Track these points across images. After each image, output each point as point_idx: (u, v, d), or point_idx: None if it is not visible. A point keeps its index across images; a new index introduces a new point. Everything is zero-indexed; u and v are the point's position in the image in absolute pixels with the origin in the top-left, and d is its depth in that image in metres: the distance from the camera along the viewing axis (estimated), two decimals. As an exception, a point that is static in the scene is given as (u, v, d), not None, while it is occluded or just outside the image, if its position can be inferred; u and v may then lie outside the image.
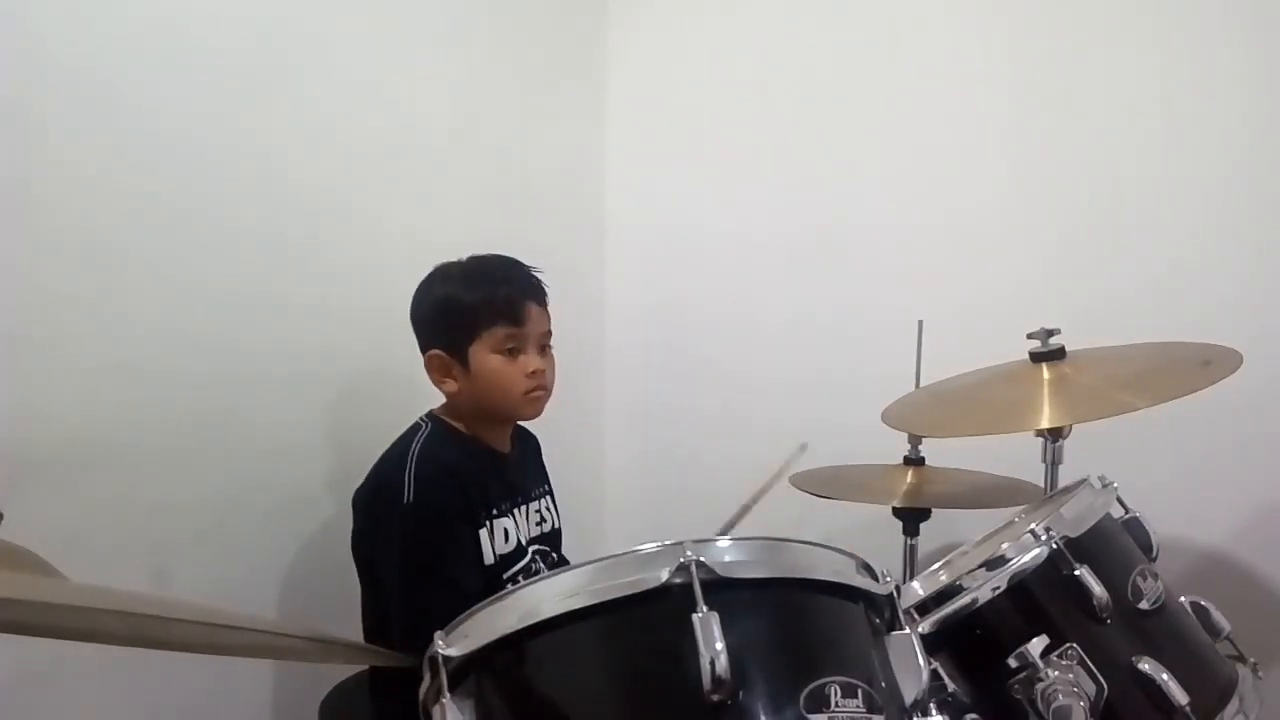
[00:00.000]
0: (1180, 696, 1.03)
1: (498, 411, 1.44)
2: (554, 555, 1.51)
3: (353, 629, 1.39)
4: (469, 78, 1.96)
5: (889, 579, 0.95)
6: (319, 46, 1.62)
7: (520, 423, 1.53)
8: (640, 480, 2.40)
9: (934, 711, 0.88)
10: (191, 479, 1.43)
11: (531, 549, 1.45)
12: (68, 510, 1.24)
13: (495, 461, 1.45)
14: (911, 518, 1.68)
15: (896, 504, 1.64)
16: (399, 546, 1.31)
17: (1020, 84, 1.95)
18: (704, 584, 0.81)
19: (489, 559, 1.35)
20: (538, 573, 1.42)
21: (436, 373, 1.41)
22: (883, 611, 0.94)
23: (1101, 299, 1.84)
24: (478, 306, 1.37)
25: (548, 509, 1.54)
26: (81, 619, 0.80)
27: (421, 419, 1.43)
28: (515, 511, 1.44)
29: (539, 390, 1.42)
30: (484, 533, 1.36)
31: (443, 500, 1.32)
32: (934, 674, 1.04)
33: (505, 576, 1.38)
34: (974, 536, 1.31)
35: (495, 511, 1.39)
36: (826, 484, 1.68)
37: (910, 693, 0.89)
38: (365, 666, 1.43)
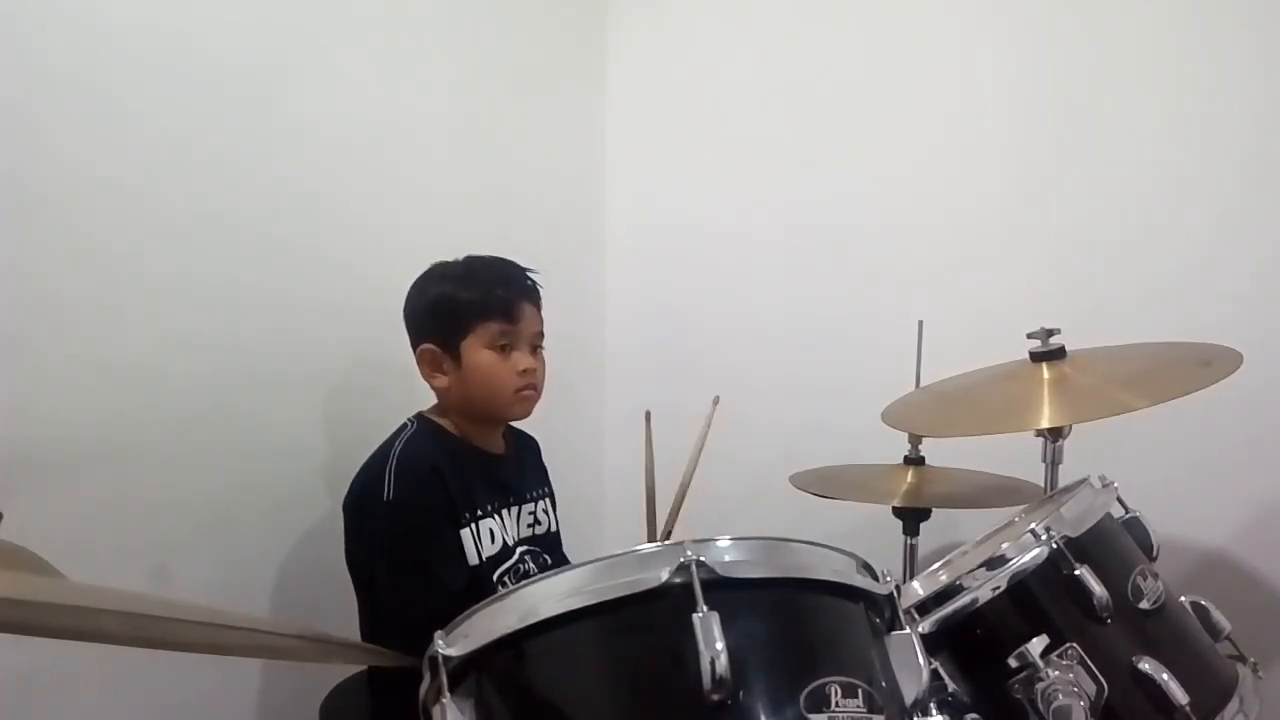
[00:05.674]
0: (1180, 696, 1.03)
1: (486, 409, 1.44)
2: (546, 557, 1.50)
3: (352, 629, 1.39)
4: (469, 78, 1.96)
5: (889, 579, 0.94)
6: (319, 46, 1.62)
7: (516, 423, 1.53)
8: (640, 481, 2.39)
9: (934, 711, 0.88)
10: (191, 478, 1.43)
11: (520, 549, 1.44)
12: (68, 510, 1.24)
13: (483, 461, 1.45)
14: (911, 518, 1.68)
15: (896, 504, 1.64)
16: (382, 545, 1.31)
17: (1020, 84, 1.94)
18: (704, 584, 0.81)
19: (473, 559, 1.35)
20: (528, 573, 1.42)
21: (428, 367, 1.41)
22: (883, 611, 0.94)
23: (1101, 299, 1.84)
24: (473, 302, 1.38)
25: (544, 512, 1.54)
26: (81, 619, 0.79)
27: (409, 419, 1.43)
28: (503, 512, 1.44)
29: (529, 390, 1.42)
30: (467, 532, 1.35)
31: (423, 498, 1.31)
32: (934, 674, 1.04)
33: (495, 577, 1.38)
34: (974, 536, 1.31)
35: (480, 512, 1.38)
36: (826, 484, 1.68)
37: (910, 693, 0.89)
38: (365, 666, 1.43)
